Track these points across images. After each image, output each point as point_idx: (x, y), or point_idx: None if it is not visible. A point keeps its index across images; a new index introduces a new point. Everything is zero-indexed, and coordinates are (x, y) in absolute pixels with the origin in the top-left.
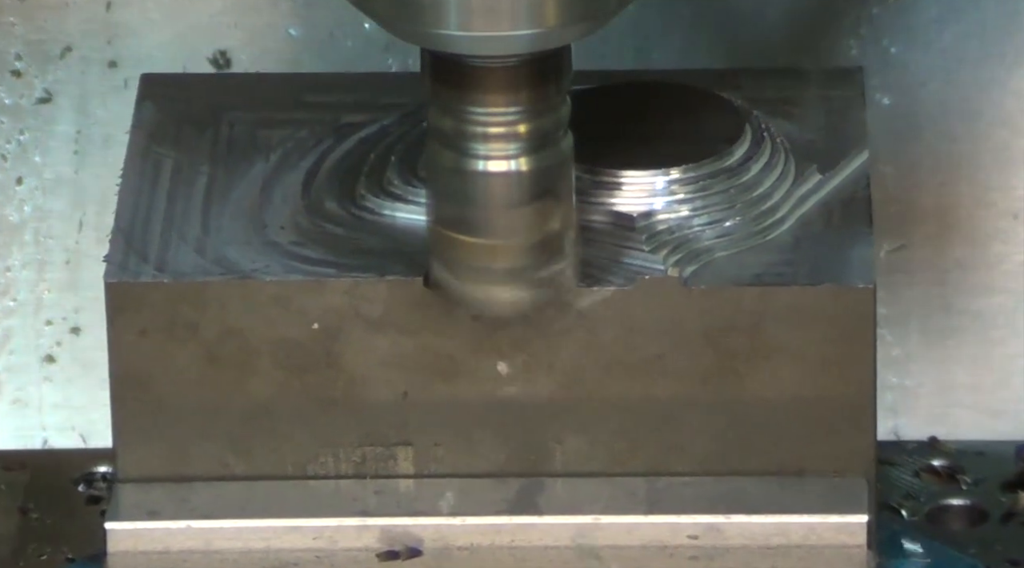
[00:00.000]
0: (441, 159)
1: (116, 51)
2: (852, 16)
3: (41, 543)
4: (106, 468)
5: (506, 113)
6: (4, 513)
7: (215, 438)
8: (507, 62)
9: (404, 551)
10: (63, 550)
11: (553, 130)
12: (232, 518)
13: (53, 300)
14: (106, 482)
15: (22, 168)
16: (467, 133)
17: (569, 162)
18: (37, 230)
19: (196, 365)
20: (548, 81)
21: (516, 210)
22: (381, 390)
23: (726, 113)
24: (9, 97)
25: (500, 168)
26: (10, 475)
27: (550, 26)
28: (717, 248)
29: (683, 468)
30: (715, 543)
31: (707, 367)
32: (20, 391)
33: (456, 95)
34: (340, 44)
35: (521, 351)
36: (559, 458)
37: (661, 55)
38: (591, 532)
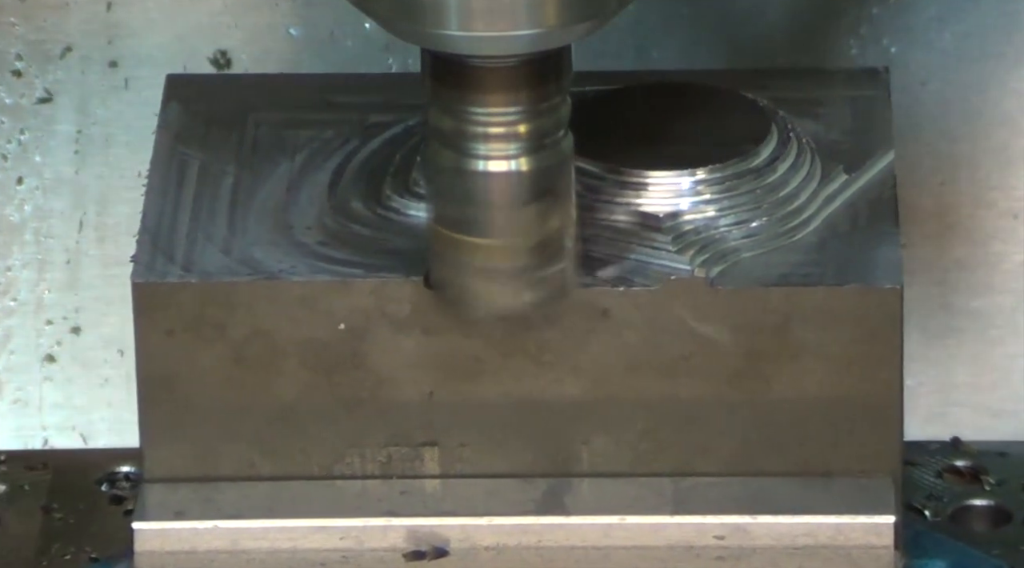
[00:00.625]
0: (441, 159)
1: (116, 51)
2: (852, 16)
3: (64, 543)
4: (129, 468)
5: (506, 113)
6: (27, 513)
7: (242, 438)
8: (507, 62)
9: (430, 551)
10: (86, 550)
11: (553, 130)
12: (259, 518)
13: (53, 300)
14: (129, 482)
15: (22, 168)
16: (467, 133)
17: (569, 162)
18: (37, 230)
19: (223, 365)
20: (548, 81)
21: (516, 210)
22: (407, 390)
23: (752, 113)
24: (9, 97)
25: (500, 168)
26: (33, 475)
27: (550, 26)
28: (743, 249)
29: (709, 468)
30: (742, 543)
31: (733, 367)
32: (20, 391)
33: (456, 95)
34: (340, 44)
35: (547, 351)
36: (585, 458)
37: (661, 55)
38: (617, 532)
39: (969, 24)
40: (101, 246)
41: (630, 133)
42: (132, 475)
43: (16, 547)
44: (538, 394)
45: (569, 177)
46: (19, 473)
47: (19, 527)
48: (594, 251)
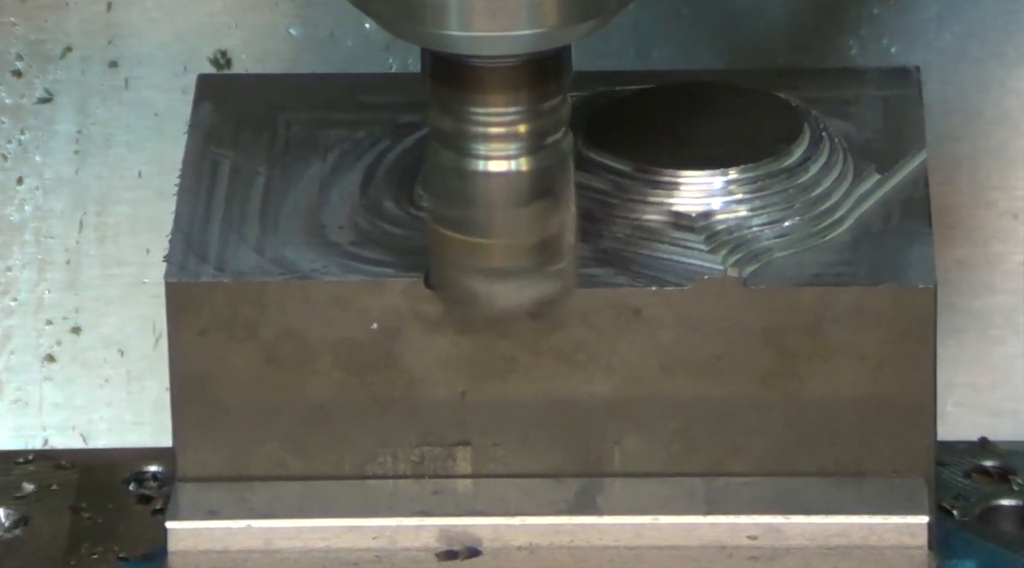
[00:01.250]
0: (441, 159)
1: (116, 51)
2: (852, 16)
3: (93, 542)
4: (157, 467)
5: (506, 113)
6: (56, 512)
7: (274, 438)
8: (507, 62)
9: (463, 551)
10: (114, 549)
11: (553, 130)
12: (292, 518)
13: (53, 300)
14: (156, 481)
15: (22, 168)
16: (467, 133)
17: (569, 162)
18: (37, 230)
19: (255, 365)
20: (548, 81)
21: (516, 210)
22: (439, 390)
23: (784, 113)
24: (10, 97)
25: (500, 168)
26: (61, 474)
27: (550, 26)
28: (776, 248)
29: (742, 468)
30: (775, 544)
31: (766, 367)
32: (20, 391)
33: (456, 95)
34: (340, 44)
35: (580, 351)
36: (617, 458)
37: (661, 55)
38: (650, 532)
39: (969, 24)
40: (101, 246)
41: (662, 133)
42: (160, 474)
43: (45, 546)
44: (570, 394)
45: (569, 177)
46: (47, 472)
47: (48, 526)
48: (626, 251)
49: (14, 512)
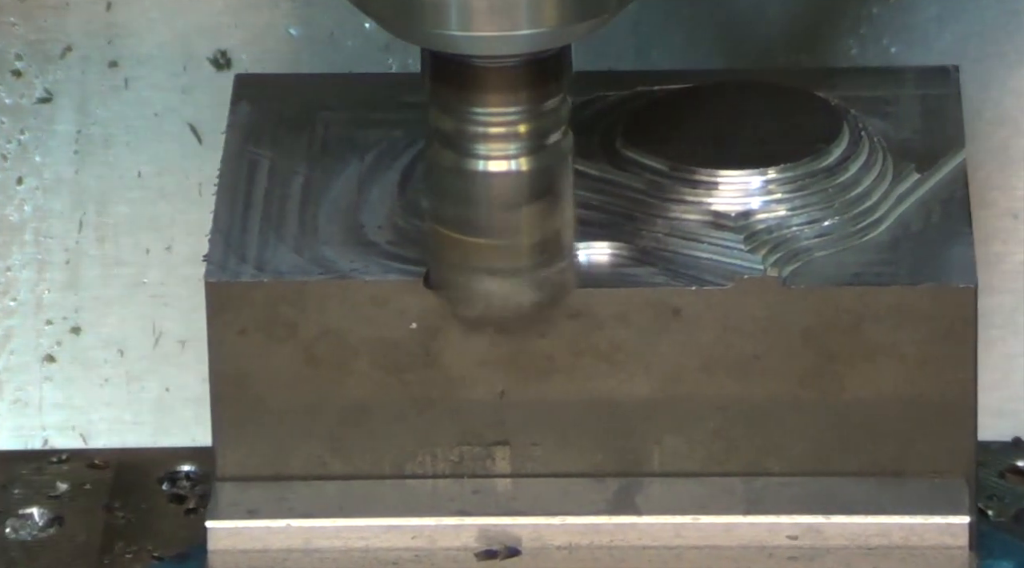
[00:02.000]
0: (441, 159)
1: (116, 51)
2: (852, 16)
3: (127, 541)
4: (190, 466)
5: (506, 113)
6: (89, 512)
7: (314, 437)
8: (507, 62)
9: (502, 550)
10: (148, 549)
11: (553, 130)
12: (331, 517)
13: (53, 300)
14: (189, 481)
15: (22, 168)
16: (467, 133)
17: (569, 162)
18: (37, 230)
19: (295, 364)
20: (548, 81)
21: (516, 210)
22: (478, 389)
23: (823, 112)
24: (9, 97)
25: (500, 168)
26: (94, 473)
27: (550, 26)
28: (815, 248)
29: (781, 468)
30: (815, 544)
31: (806, 367)
32: (20, 391)
33: (456, 95)
34: (340, 44)
35: (619, 350)
36: (657, 458)
37: (661, 55)
38: (689, 532)
39: (969, 24)
40: (101, 246)
41: (701, 132)
42: (193, 474)
43: (79, 546)
44: (610, 393)
45: (569, 177)
46: (81, 472)
47: (81, 526)
48: (665, 250)
49: (48, 511)
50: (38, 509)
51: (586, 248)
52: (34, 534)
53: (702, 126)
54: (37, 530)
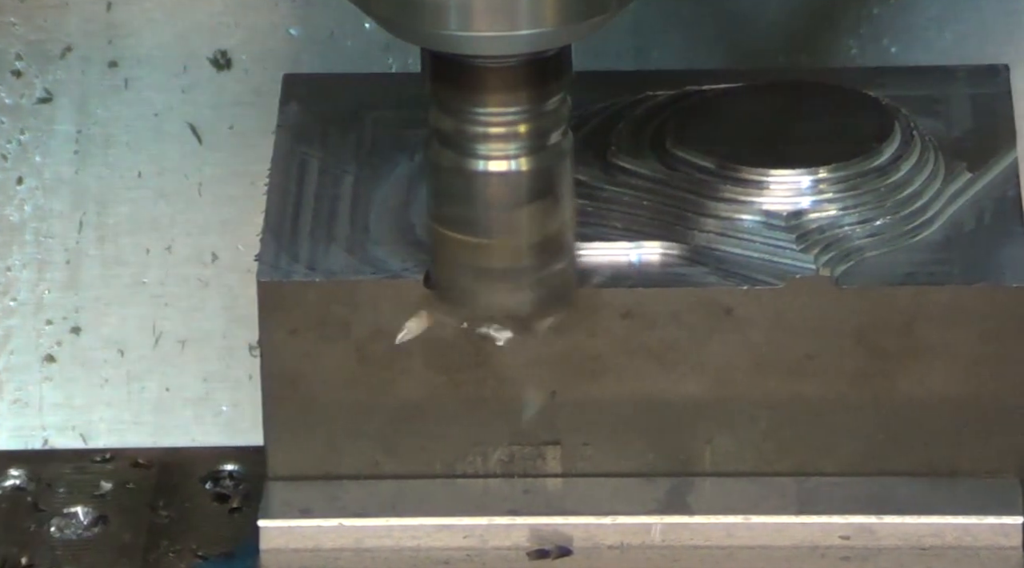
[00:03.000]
0: (441, 159)
1: (116, 51)
2: (852, 16)
3: (171, 540)
4: (233, 466)
5: (506, 113)
6: (133, 511)
7: (365, 437)
8: (507, 62)
9: (554, 550)
10: (192, 548)
11: (553, 130)
12: (383, 516)
13: (53, 300)
14: (232, 480)
15: (22, 168)
16: (467, 133)
17: (569, 162)
18: (37, 230)
19: (346, 364)
20: (548, 81)
21: (516, 210)
22: (530, 389)
23: (875, 112)
24: (9, 97)
25: (500, 168)
26: (138, 472)
27: (550, 26)
28: (868, 247)
29: (833, 468)
30: (867, 544)
31: (858, 367)
32: (20, 391)
33: (456, 95)
34: (340, 44)
35: (671, 350)
36: (708, 458)
37: (661, 54)
38: (741, 532)
39: (969, 24)
40: (101, 246)
41: (751, 131)
42: (236, 473)
43: (123, 545)
44: (661, 393)
45: (569, 177)
46: (125, 471)
47: (126, 525)
48: (717, 250)
49: (92, 510)
50: (82, 508)
51: (637, 248)
52: (79, 533)
53: (753, 125)
54: (82, 529)
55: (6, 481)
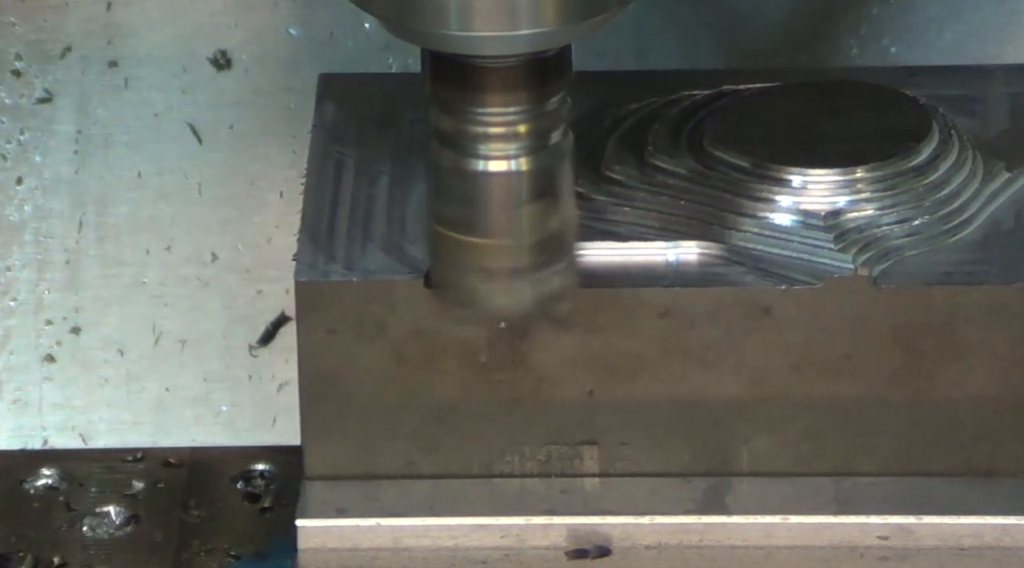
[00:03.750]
0: (441, 159)
1: (116, 51)
2: (852, 16)
3: (203, 540)
4: (264, 465)
5: (506, 113)
6: (165, 510)
7: (402, 436)
8: (507, 62)
9: (593, 550)
10: (224, 547)
11: (553, 130)
12: (420, 516)
13: (53, 300)
14: (263, 480)
15: (22, 168)
16: (467, 133)
17: (569, 162)
18: (37, 230)
19: (384, 364)
20: (548, 81)
21: (516, 210)
22: (567, 389)
23: (912, 111)
24: (9, 97)
25: (500, 168)
26: (169, 472)
27: (550, 26)
28: (906, 247)
29: (872, 468)
30: (906, 544)
31: (896, 367)
32: (20, 391)
33: (457, 95)
34: (340, 44)
35: (708, 350)
36: (746, 457)
37: (660, 55)
38: (779, 532)
39: (969, 24)
40: (101, 246)
41: (789, 131)
42: (267, 472)
43: (156, 544)
44: (699, 393)
45: (569, 177)
46: (156, 470)
47: (158, 524)
48: (754, 249)
49: (124, 510)
50: (114, 508)
51: (675, 247)
52: (111, 533)
53: (790, 125)
54: (114, 529)
55: (38, 480)
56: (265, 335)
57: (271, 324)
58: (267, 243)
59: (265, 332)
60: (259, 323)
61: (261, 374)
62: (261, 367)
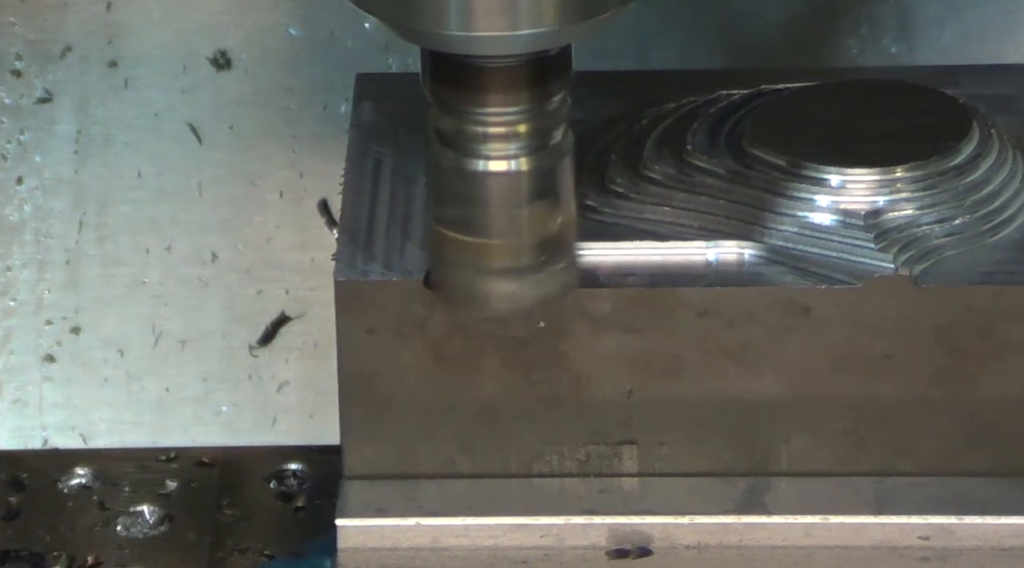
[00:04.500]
0: (441, 159)
1: (116, 51)
2: (852, 16)
3: (236, 539)
4: (297, 465)
5: (506, 113)
6: (199, 510)
7: (442, 436)
8: (507, 62)
9: (634, 550)
10: (258, 547)
11: (554, 130)
12: (459, 516)
13: (53, 300)
14: (296, 479)
15: (22, 168)
16: (468, 133)
17: (569, 162)
18: (37, 230)
19: (423, 363)
20: (549, 81)
21: (516, 210)
22: (606, 389)
23: (952, 110)
24: (9, 97)
25: (500, 168)
26: (202, 471)
27: (551, 26)
28: (946, 247)
29: (912, 468)
30: (947, 544)
31: (937, 366)
32: (20, 391)
33: (457, 95)
34: (340, 44)
35: (748, 350)
36: (785, 457)
37: (660, 54)
38: (820, 532)
39: (969, 24)
40: (101, 246)
41: (828, 130)
42: (300, 472)
43: (190, 544)
44: (738, 392)
45: (569, 177)
46: (189, 470)
47: (192, 524)
48: (794, 249)
49: (158, 509)
50: (148, 507)
51: (715, 247)
52: (145, 532)
53: (829, 124)
54: (148, 528)
55: (72, 480)
56: (265, 335)
57: (271, 324)
58: (267, 243)
59: (265, 332)
60: (259, 323)
61: (261, 374)
62: (261, 367)
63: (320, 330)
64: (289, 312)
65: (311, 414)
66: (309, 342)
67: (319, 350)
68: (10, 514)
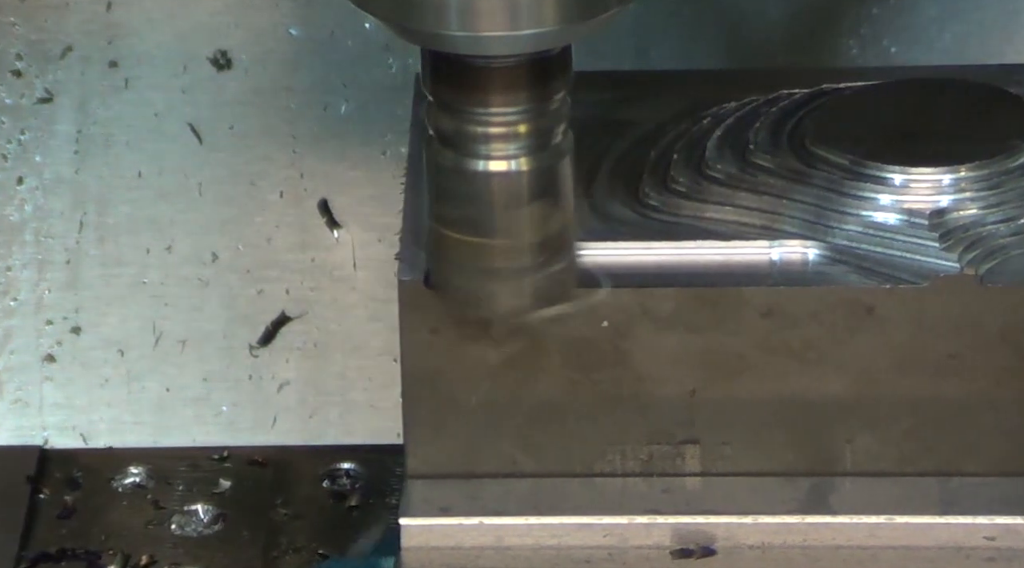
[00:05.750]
0: (441, 159)
1: (116, 51)
2: (852, 16)
3: (290, 538)
4: (350, 465)
5: (507, 113)
6: (253, 509)
7: (504, 435)
8: (508, 62)
9: (697, 550)
10: (312, 546)
11: (554, 130)
12: (523, 515)
13: (53, 300)
14: (349, 478)
15: (22, 168)
16: (468, 133)
17: (570, 162)
18: (37, 230)
19: (486, 363)
20: (549, 81)
21: (516, 210)
22: (669, 388)
23: (1016, 109)
24: (9, 97)
25: (501, 168)
26: (255, 471)
27: (551, 26)
28: (1011, 246)
29: (978, 468)
30: (1013, 545)
31: (1003, 366)
32: (20, 391)
33: (457, 95)
34: (340, 44)
35: (811, 349)
36: (849, 457)
37: (660, 54)
38: (884, 532)
39: (969, 24)
40: (101, 246)
41: (891, 129)
42: (352, 472)
43: (244, 543)
44: (801, 392)
45: (569, 177)
46: (242, 469)
47: (245, 523)
48: (858, 248)
49: (213, 508)
50: (202, 506)
51: (779, 247)
52: (199, 531)
53: (892, 123)
54: (202, 527)
55: (126, 479)
56: (265, 335)
57: (271, 324)
58: (267, 243)
59: (265, 332)
60: (259, 323)
61: (261, 374)
62: (261, 367)
63: (320, 330)
64: (289, 312)
65: (311, 414)
66: (309, 342)
67: (319, 350)
68: (65, 513)
